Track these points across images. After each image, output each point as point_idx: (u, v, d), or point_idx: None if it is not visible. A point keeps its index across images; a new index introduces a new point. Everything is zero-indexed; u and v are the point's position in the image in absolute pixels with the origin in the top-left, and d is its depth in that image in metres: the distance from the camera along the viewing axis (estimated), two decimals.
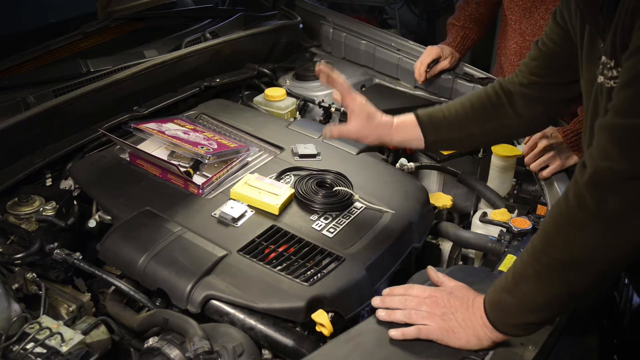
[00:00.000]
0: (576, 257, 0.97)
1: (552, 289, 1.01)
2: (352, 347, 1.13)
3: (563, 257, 0.98)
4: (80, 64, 1.91)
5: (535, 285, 1.01)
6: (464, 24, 2.16)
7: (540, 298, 1.02)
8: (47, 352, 1.13)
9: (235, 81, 2.17)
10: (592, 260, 0.96)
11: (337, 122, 2.12)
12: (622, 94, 0.95)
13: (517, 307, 1.04)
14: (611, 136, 0.94)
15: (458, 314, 1.10)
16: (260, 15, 2.45)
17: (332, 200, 1.52)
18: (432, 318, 1.11)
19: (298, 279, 1.29)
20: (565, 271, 0.98)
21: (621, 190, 0.91)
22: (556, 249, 0.98)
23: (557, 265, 0.99)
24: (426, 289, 1.17)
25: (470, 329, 1.09)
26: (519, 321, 1.06)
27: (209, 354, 1.14)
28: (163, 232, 1.39)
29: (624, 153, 0.91)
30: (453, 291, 1.15)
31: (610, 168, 0.92)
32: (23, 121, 1.58)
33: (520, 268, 1.04)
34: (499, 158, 1.77)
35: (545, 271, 1.00)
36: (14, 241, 1.39)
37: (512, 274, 1.06)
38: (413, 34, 4.56)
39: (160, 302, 1.32)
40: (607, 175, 0.92)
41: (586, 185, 0.94)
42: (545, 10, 2.00)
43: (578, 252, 0.97)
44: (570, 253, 0.97)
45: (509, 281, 1.06)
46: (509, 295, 1.05)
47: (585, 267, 0.97)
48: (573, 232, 0.96)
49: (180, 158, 1.66)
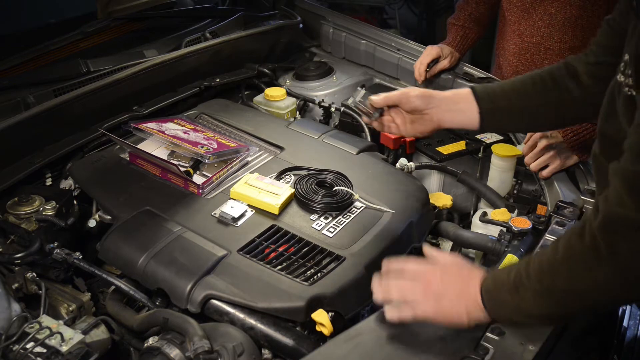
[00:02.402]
0: (579, 290, 0.99)
1: (548, 307, 1.03)
2: (352, 346, 1.13)
3: (565, 286, 1.00)
4: (80, 63, 1.91)
5: (533, 297, 1.03)
6: (463, 23, 2.17)
7: (535, 310, 1.04)
8: (47, 351, 1.13)
9: (235, 81, 2.17)
10: (595, 296, 0.99)
11: (337, 121, 2.12)
12: (636, 136, 0.93)
13: (513, 308, 1.06)
14: (625, 183, 0.92)
15: (451, 292, 1.10)
16: (260, 15, 2.45)
17: (332, 200, 1.52)
18: (426, 302, 1.11)
19: (298, 278, 1.29)
20: (565, 297, 1.01)
21: (632, 240, 0.90)
22: (561, 277, 0.99)
23: (558, 291, 1.01)
24: (421, 266, 1.16)
25: (462, 306, 1.09)
26: (512, 318, 1.08)
27: (208, 354, 1.14)
28: (163, 232, 1.39)
29: (637, 202, 0.90)
30: (447, 269, 1.14)
31: (624, 216, 0.91)
32: (23, 121, 1.58)
33: (523, 276, 1.04)
34: (499, 158, 1.77)
35: (546, 292, 1.01)
36: (14, 241, 1.39)
37: (514, 277, 1.05)
38: (413, 34, 4.56)
39: (160, 301, 1.32)
40: (619, 222, 0.91)
41: (599, 229, 0.93)
42: (544, 11, 2.00)
43: (582, 287, 0.98)
44: (573, 285, 0.99)
45: (510, 281, 1.06)
46: (507, 294, 1.05)
47: (587, 299, 1.00)
48: (581, 270, 0.97)
49: (180, 158, 1.66)
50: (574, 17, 1.96)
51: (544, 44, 2.03)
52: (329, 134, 1.86)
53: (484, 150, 1.88)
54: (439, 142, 1.93)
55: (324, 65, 2.36)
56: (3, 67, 1.89)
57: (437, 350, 1.11)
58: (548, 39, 2.02)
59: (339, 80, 2.30)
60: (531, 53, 2.07)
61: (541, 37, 2.03)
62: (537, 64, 2.07)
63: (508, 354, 1.10)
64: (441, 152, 1.88)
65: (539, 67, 2.07)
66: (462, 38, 2.17)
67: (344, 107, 2.07)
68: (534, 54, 2.07)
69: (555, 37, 2.01)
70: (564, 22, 1.98)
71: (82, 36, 2.15)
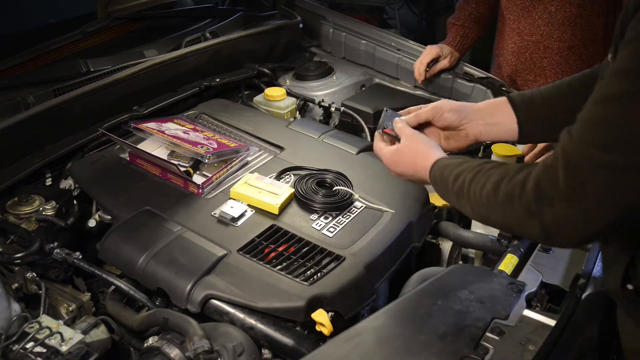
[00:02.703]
0: (508, 227, 1.07)
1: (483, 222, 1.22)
2: (352, 346, 1.13)
3: (497, 221, 1.06)
4: (80, 63, 1.91)
5: (471, 211, 1.10)
6: (463, 23, 2.16)
7: (472, 215, 1.14)
8: (47, 351, 1.13)
9: (235, 81, 2.17)
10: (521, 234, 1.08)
11: (337, 121, 2.12)
12: (593, 110, 0.91)
13: (454, 203, 1.16)
14: (564, 158, 0.92)
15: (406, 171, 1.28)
16: (260, 15, 2.45)
17: (332, 200, 1.52)
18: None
19: (298, 278, 1.29)
20: (496, 225, 1.14)
21: (556, 213, 0.91)
22: (496, 215, 1.03)
23: (492, 221, 1.08)
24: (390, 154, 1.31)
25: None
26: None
27: (208, 354, 1.14)
28: (163, 232, 1.39)
29: (569, 181, 0.90)
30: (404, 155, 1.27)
31: (553, 192, 0.91)
32: (23, 121, 1.58)
33: (464, 193, 1.09)
34: (499, 158, 1.77)
35: (482, 217, 1.12)
36: (14, 241, 1.39)
37: (457, 187, 1.11)
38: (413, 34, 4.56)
39: (160, 301, 1.32)
40: (547, 196, 0.92)
41: (532, 193, 0.94)
42: (543, 10, 2.00)
43: (512, 227, 1.04)
44: (505, 224, 1.05)
45: (454, 188, 1.11)
46: (452, 196, 1.14)
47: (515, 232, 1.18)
48: (514, 219, 0.99)
49: (180, 157, 1.66)
50: (574, 16, 1.96)
51: (544, 42, 2.03)
52: (329, 134, 1.86)
53: (484, 150, 1.88)
54: None
55: (324, 65, 2.36)
56: (3, 67, 1.89)
57: (437, 350, 1.10)
58: (547, 38, 2.02)
59: (339, 80, 2.30)
60: (530, 52, 2.07)
61: (540, 36, 2.03)
62: (537, 62, 2.08)
63: (508, 354, 1.10)
64: None
65: (538, 66, 2.08)
66: (462, 38, 2.17)
67: (344, 107, 2.07)
68: (533, 53, 2.07)
69: (554, 35, 2.01)
70: (563, 21, 1.98)
71: (82, 36, 2.15)
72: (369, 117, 2.02)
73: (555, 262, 1.40)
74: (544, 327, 1.18)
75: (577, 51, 2.02)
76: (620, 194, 0.86)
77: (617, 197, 0.87)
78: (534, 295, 1.30)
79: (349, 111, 2.05)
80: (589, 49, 2.02)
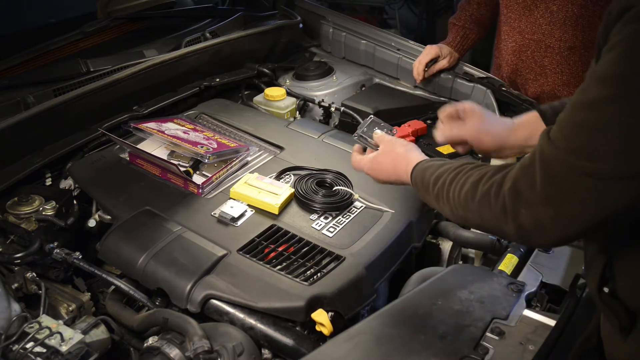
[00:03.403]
0: (486, 228, 1.08)
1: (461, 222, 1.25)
2: (352, 346, 1.13)
3: (475, 221, 1.05)
4: (80, 63, 1.91)
5: (450, 212, 1.10)
6: (464, 24, 2.16)
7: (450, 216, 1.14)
8: (47, 351, 1.13)
9: (235, 81, 2.17)
10: (475, 224, 1.08)
11: (337, 121, 2.12)
12: (571, 113, 0.89)
13: (433, 204, 1.17)
14: (542, 162, 0.91)
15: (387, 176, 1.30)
16: (260, 15, 2.45)
17: (332, 200, 1.52)
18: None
19: (298, 278, 1.29)
20: (475, 225, 1.12)
21: (533, 215, 0.91)
22: (473, 214, 1.03)
23: (470, 221, 1.09)
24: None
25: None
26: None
27: (208, 354, 1.14)
28: (163, 232, 1.39)
29: (546, 186, 0.89)
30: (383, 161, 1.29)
31: (528, 194, 0.91)
32: (23, 121, 1.58)
33: (443, 194, 1.09)
34: None
35: (460, 219, 1.11)
36: (14, 241, 1.39)
37: (437, 190, 1.11)
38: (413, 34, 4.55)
39: (160, 301, 1.32)
40: (523, 197, 0.92)
41: (508, 194, 0.94)
42: (545, 8, 1.99)
43: (489, 228, 1.05)
44: (482, 223, 1.04)
45: (434, 191, 1.12)
46: (432, 199, 1.14)
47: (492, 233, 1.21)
48: (491, 220, 0.99)
49: (180, 157, 1.66)
50: (575, 16, 1.96)
51: (545, 41, 2.03)
52: (329, 134, 1.86)
53: None
54: None
55: (324, 65, 2.36)
56: (3, 67, 1.89)
57: (437, 350, 1.10)
58: (549, 37, 2.02)
59: (338, 80, 2.29)
60: (532, 50, 2.07)
61: (542, 35, 2.03)
62: (537, 61, 2.07)
63: (508, 354, 1.10)
64: (441, 152, 1.88)
65: (539, 65, 2.07)
66: (462, 38, 2.17)
67: (344, 107, 2.06)
68: (534, 51, 2.06)
69: (555, 35, 2.00)
70: (565, 20, 1.97)
71: (82, 36, 2.15)
72: None
73: (555, 262, 1.40)
74: (544, 327, 1.18)
75: (578, 52, 2.01)
76: (596, 202, 0.86)
77: (592, 204, 0.86)
78: (534, 295, 1.30)
79: (349, 111, 2.05)
80: (590, 51, 2.01)
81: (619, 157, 0.83)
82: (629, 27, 0.82)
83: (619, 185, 0.83)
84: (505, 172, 0.97)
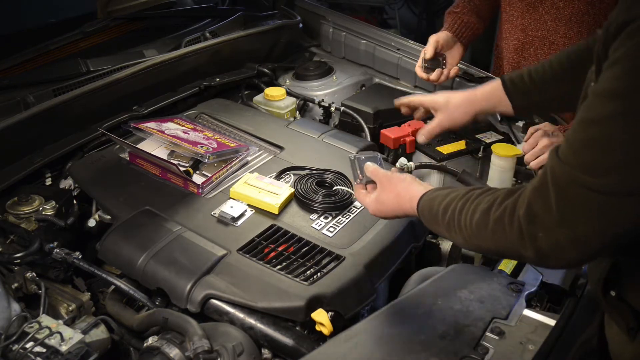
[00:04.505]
0: (502, 253, 1.09)
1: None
2: (352, 346, 1.13)
3: (491, 247, 1.04)
4: (80, 63, 1.91)
5: (463, 241, 1.08)
6: (462, 10, 2.10)
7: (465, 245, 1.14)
8: (47, 351, 1.13)
9: (235, 81, 2.17)
10: (492, 251, 1.09)
11: (337, 121, 2.12)
12: (579, 130, 0.89)
13: (444, 234, 1.16)
14: (554, 180, 0.91)
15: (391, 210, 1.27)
16: (260, 15, 2.45)
17: (331, 200, 1.52)
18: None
19: (298, 278, 1.29)
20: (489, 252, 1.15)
21: (551, 236, 0.91)
22: (488, 241, 1.02)
23: (485, 249, 1.12)
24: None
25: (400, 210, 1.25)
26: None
27: (208, 353, 1.14)
28: (163, 232, 1.39)
29: (560, 205, 0.89)
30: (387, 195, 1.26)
31: (543, 217, 0.91)
32: (23, 121, 1.58)
33: (455, 224, 1.07)
34: (499, 157, 1.76)
35: (474, 247, 1.11)
36: (14, 240, 1.39)
37: (448, 219, 1.09)
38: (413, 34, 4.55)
39: (159, 301, 1.32)
40: (539, 221, 0.91)
41: (523, 218, 0.93)
42: (551, 5, 1.97)
43: (505, 252, 1.06)
44: (498, 249, 1.03)
45: (445, 221, 1.10)
46: (442, 228, 1.12)
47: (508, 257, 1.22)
48: (507, 245, 0.98)
49: (180, 157, 1.66)
50: (581, 13, 1.95)
51: (549, 37, 2.01)
52: (329, 134, 1.86)
53: (484, 149, 1.88)
54: (439, 142, 1.93)
55: (324, 65, 2.36)
56: (3, 67, 1.89)
57: (437, 350, 1.10)
58: (554, 33, 2.00)
59: (338, 80, 2.29)
60: (535, 47, 2.05)
61: (547, 31, 2.01)
62: (541, 59, 2.05)
63: (508, 354, 1.10)
64: (441, 151, 1.88)
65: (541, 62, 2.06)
66: (460, 26, 2.04)
67: (344, 107, 2.06)
68: (538, 48, 2.05)
69: (560, 31, 1.99)
70: (570, 17, 1.96)
71: (82, 36, 2.14)
72: (369, 117, 2.01)
73: None
74: (544, 327, 1.18)
75: None
76: (611, 219, 0.86)
77: (608, 221, 0.86)
78: (534, 295, 1.29)
79: (348, 111, 2.05)
80: None
81: (629, 172, 0.83)
82: (631, 41, 0.82)
83: (632, 200, 0.83)
84: (516, 196, 0.96)
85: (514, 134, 1.94)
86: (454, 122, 1.53)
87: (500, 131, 1.98)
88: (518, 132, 1.95)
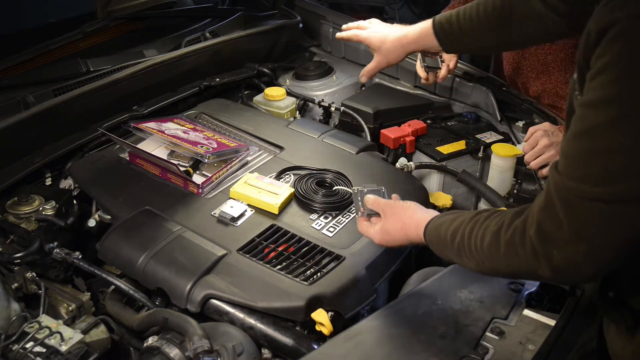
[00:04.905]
0: (516, 274, 1.11)
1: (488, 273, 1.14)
2: (352, 346, 1.13)
3: (505, 270, 1.04)
4: (80, 63, 1.91)
5: (475, 266, 1.08)
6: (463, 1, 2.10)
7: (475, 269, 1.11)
8: (47, 351, 1.13)
9: (235, 81, 2.17)
10: (507, 274, 1.11)
11: (337, 121, 2.12)
12: (574, 146, 0.89)
13: (455, 260, 1.14)
14: (559, 195, 0.91)
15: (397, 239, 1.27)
16: (260, 15, 2.45)
17: (331, 200, 1.52)
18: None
19: (298, 278, 1.29)
20: (503, 275, 1.15)
21: (565, 251, 0.91)
22: (502, 265, 1.01)
23: (500, 273, 1.09)
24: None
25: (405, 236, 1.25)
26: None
27: (208, 353, 1.14)
28: (163, 232, 1.39)
29: (571, 219, 0.89)
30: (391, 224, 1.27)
31: (556, 233, 0.90)
32: (23, 121, 1.58)
33: (465, 247, 1.07)
34: (499, 157, 1.77)
35: (489, 270, 1.07)
36: (14, 240, 1.39)
37: (457, 245, 1.09)
38: None
39: (159, 301, 1.32)
40: (551, 237, 0.91)
41: (535, 237, 0.93)
42: None
43: (519, 273, 1.06)
44: (513, 271, 1.03)
45: (454, 247, 1.09)
46: (452, 254, 1.11)
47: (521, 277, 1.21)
48: (522, 266, 0.97)
49: (180, 157, 1.66)
50: None
51: None
52: (329, 134, 1.86)
53: (483, 149, 1.88)
54: (438, 142, 1.93)
55: (324, 65, 2.36)
56: (3, 67, 1.89)
57: (437, 350, 1.11)
58: None
59: (338, 80, 2.29)
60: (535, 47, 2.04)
61: None
62: (540, 58, 2.05)
63: (508, 353, 1.10)
64: (441, 151, 1.88)
65: (541, 62, 2.05)
66: None
67: (344, 107, 2.06)
68: (538, 48, 2.03)
69: None
70: None
71: (82, 36, 2.15)
72: (369, 117, 2.01)
73: None
74: (544, 327, 1.18)
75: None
76: (623, 228, 0.85)
77: (619, 230, 0.86)
78: (534, 295, 1.29)
79: (348, 111, 2.05)
80: None
81: (633, 177, 0.82)
82: (615, 46, 0.81)
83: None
84: (525, 216, 0.96)
85: (514, 134, 1.94)
86: (390, 63, 1.72)
87: (500, 131, 1.98)
88: (518, 132, 1.95)
